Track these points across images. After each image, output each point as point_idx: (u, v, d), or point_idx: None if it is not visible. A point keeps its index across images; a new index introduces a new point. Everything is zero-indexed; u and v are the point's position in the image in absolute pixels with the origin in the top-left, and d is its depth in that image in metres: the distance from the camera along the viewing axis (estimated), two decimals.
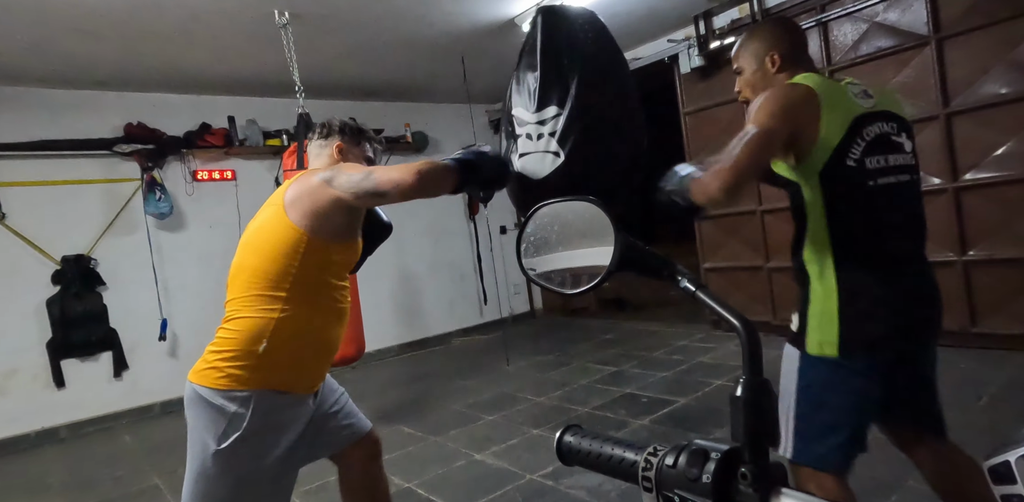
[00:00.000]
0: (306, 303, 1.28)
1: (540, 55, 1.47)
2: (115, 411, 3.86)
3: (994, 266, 3.06)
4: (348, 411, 1.51)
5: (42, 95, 3.75)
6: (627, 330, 4.91)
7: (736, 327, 0.50)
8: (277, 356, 1.25)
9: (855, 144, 1.17)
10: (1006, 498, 0.80)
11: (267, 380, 1.24)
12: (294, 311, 1.26)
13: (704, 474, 0.46)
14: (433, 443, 2.84)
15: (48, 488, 2.89)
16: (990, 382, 2.62)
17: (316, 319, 1.31)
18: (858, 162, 1.17)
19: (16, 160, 3.65)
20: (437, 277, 5.42)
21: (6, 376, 3.58)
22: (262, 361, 1.23)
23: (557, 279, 0.68)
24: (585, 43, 1.52)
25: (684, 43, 4.16)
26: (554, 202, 0.69)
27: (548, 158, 1.45)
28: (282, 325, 1.25)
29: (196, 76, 3.93)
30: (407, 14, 3.31)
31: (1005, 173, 3.00)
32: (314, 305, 1.30)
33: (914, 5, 3.19)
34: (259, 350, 1.23)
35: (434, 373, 4.34)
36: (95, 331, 3.80)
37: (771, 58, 1.30)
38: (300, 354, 1.29)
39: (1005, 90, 2.97)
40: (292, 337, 1.26)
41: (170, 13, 2.91)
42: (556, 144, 1.44)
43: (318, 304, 1.32)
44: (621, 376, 3.58)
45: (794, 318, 1.23)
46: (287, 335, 1.26)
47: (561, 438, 0.60)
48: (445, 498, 2.24)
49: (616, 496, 2.06)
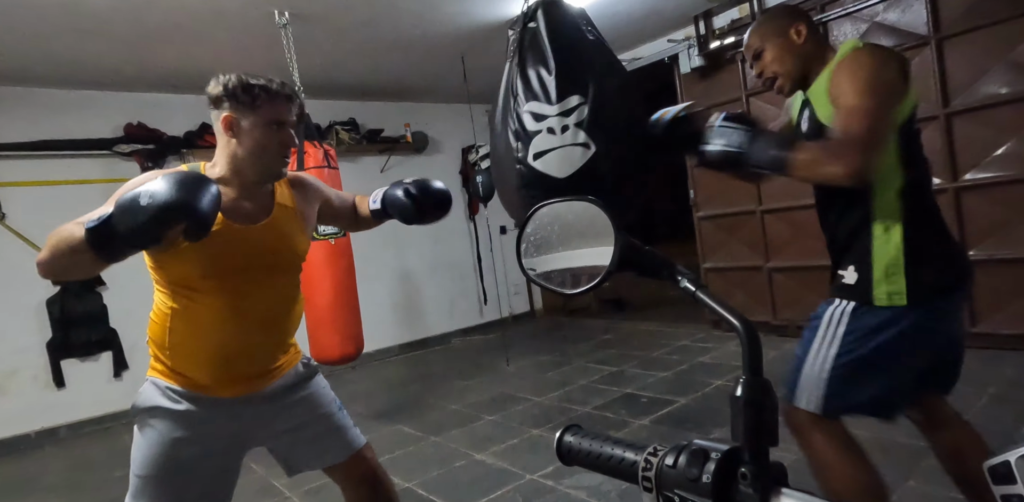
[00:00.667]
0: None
1: (551, 47, 1.43)
2: (115, 411, 3.86)
3: (994, 266, 3.06)
4: (321, 432, 1.36)
5: (42, 95, 3.75)
6: (627, 330, 4.91)
7: (736, 327, 0.50)
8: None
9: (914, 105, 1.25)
10: (1006, 498, 0.79)
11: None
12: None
13: (704, 474, 0.46)
14: (433, 443, 2.84)
15: (48, 488, 2.89)
16: (990, 382, 2.62)
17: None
18: (914, 122, 1.26)
19: (16, 160, 3.65)
20: (437, 277, 5.42)
21: (6, 376, 3.58)
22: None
23: (557, 279, 0.68)
24: (589, 34, 1.51)
25: (684, 43, 4.17)
26: (554, 202, 0.69)
27: (578, 151, 1.37)
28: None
29: (196, 76, 3.92)
30: (407, 14, 3.31)
31: (1005, 173, 3.00)
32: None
33: (914, 5, 3.19)
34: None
35: (434, 373, 4.34)
36: (95, 331, 3.80)
37: (796, 30, 1.32)
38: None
39: (1005, 90, 2.97)
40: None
41: (170, 13, 2.91)
42: (585, 135, 1.37)
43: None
44: (621, 376, 3.58)
45: (849, 272, 1.25)
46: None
47: (561, 438, 0.60)
48: (445, 498, 2.24)
49: (616, 496, 2.06)
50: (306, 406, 1.35)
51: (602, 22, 3.92)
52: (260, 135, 1.19)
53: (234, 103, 1.19)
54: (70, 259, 0.99)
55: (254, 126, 1.19)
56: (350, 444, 1.37)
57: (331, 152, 2.98)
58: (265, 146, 1.20)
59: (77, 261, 0.99)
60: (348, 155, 4.76)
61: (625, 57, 4.65)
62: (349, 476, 1.39)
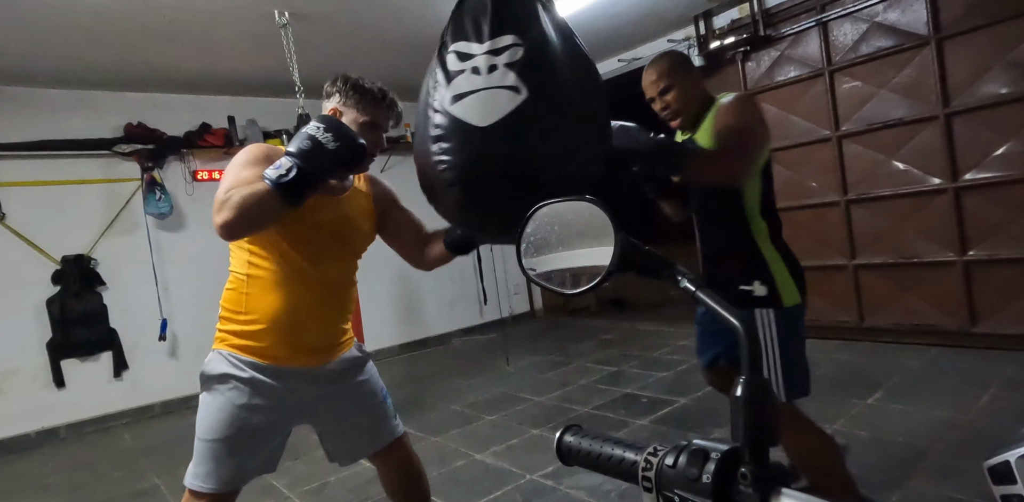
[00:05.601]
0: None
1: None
2: (115, 411, 3.86)
3: (994, 266, 3.06)
4: (370, 417, 1.48)
5: (42, 95, 3.75)
6: (627, 330, 4.91)
7: (736, 327, 0.50)
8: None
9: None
10: (1006, 498, 0.79)
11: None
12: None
13: (704, 474, 0.46)
14: (433, 443, 2.84)
15: (48, 488, 2.89)
16: (990, 382, 2.62)
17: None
18: (771, 163, 1.59)
19: (16, 160, 3.65)
20: (437, 277, 5.42)
21: (6, 376, 3.58)
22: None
23: (557, 279, 0.68)
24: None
25: (684, 43, 4.17)
26: (554, 202, 0.69)
27: (503, 95, 1.13)
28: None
29: (196, 76, 3.93)
30: (407, 14, 3.32)
31: (1005, 173, 3.00)
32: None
33: (914, 5, 3.19)
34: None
35: (434, 373, 4.34)
36: (95, 331, 3.80)
37: (696, 75, 1.61)
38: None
39: (1005, 90, 2.97)
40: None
41: (170, 13, 2.91)
42: (516, 77, 1.14)
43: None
44: (621, 376, 3.58)
45: (756, 286, 1.48)
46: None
47: (561, 438, 0.60)
48: (445, 498, 2.24)
49: (616, 496, 2.06)
50: (361, 390, 1.47)
51: (602, 22, 3.96)
52: (357, 130, 1.32)
53: (343, 98, 1.35)
54: (259, 212, 1.13)
55: (353, 122, 1.34)
56: (393, 431, 1.50)
57: None
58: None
59: (266, 210, 1.13)
60: None
61: (625, 57, 4.65)
62: (388, 461, 1.51)
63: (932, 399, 2.50)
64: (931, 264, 3.27)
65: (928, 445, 2.13)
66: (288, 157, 1.13)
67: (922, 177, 3.28)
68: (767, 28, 3.76)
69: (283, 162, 1.13)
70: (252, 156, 1.27)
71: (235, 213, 1.11)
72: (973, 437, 2.15)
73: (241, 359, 1.32)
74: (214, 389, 1.31)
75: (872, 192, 3.47)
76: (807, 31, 3.63)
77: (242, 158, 1.27)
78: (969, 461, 1.89)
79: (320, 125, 1.15)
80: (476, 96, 1.15)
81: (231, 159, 1.31)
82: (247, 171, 1.21)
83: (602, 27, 4.01)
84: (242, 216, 1.12)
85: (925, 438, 2.19)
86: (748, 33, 3.80)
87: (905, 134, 3.32)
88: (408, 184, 1.51)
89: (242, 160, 1.26)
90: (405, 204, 1.60)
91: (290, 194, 1.12)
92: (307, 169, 1.12)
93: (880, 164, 3.43)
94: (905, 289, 3.38)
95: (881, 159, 3.42)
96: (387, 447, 1.49)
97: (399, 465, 1.53)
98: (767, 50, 3.83)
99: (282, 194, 1.11)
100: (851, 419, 2.44)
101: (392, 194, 1.57)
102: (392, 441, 1.49)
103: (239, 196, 1.12)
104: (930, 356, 3.10)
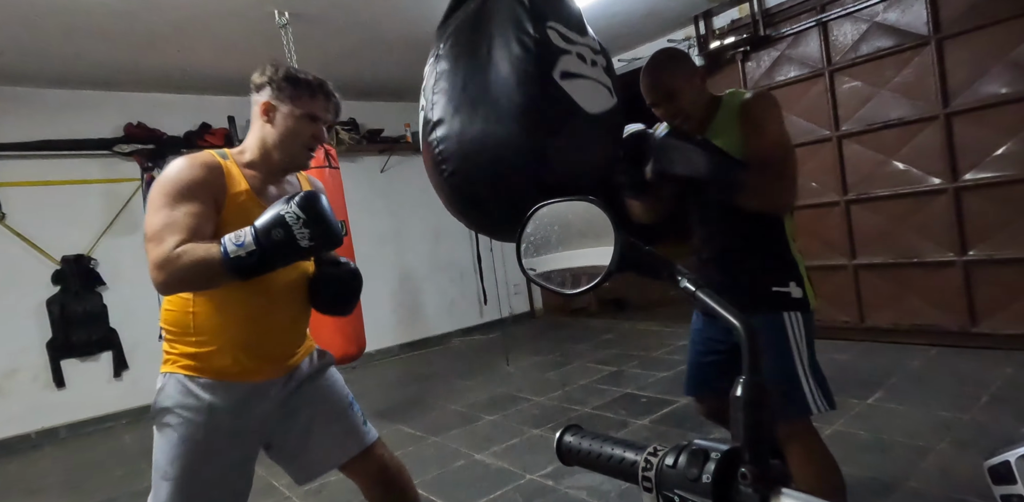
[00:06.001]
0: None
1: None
2: (115, 411, 3.86)
3: (994, 266, 3.06)
4: (335, 426, 1.38)
5: (42, 95, 3.75)
6: (627, 330, 4.91)
7: (736, 327, 0.50)
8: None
9: None
10: (1006, 498, 0.79)
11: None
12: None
13: (704, 474, 0.46)
14: (433, 443, 2.84)
15: (48, 488, 2.89)
16: (990, 382, 2.62)
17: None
18: None
19: (16, 160, 3.65)
20: (437, 277, 5.42)
21: (6, 376, 3.58)
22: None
23: (557, 279, 0.68)
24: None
25: (684, 43, 4.17)
26: (554, 202, 0.69)
27: (604, 92, 1.13)
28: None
29: (196, 76, 3.93)
30: (407, 14, 3.32)
31: (1005, 173, 3.00)
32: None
33: (914, 5, 3.19)
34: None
35: (434, 373, 4.34)
36: (95, 331, 3.80)
37: (701, 75, 1.45)
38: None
39: (1005, 90, 2.97)
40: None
41: (170, 13, 2.91)
42: (609, 80, 1.16)
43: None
44: (621, 376, 3.58)
45: (793, 288, 1.40)
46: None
47: (561, 438, 0.60)
48: (445, 498, 2.24)
49: (616, 496, 2.06)
50: (326, 397, 1.38)
51: (602, 22, 3.95)
52: (294, 124, 1.25)
53: (275, 91, 1.25)
54: (206, 281, 1.11)
55: (290, 115, 1.25)
56: (362, 439, 1.38)
57: (332, 152, 2.98)
58: (296, 134, 1.26)
59: (213, 280, 1.11)
60: (348, 155, 4.75)
61: (625, 57, 4.65)
62: (361, 471, 1.40)
63: (932, 399, 2.50)
64: (931, 264, 3.28)
65: (928, 445, 2.13)
66: (254, 238, 1.05)
67: (922, 177, 3.28)
68: (767, 28, 3.76)
69: (247, 241, 1.05)
70: (180, 186, 1.14)
71: (179, 277, 1.07)
72: (973, 437, 2.15)
73: (197, 381, 1.22)
74: (169, 423, 1.21)
75: (872, 192, 3.47)
76: (807, 31, 3.63)
77: (170, 188, 1.14)
78: (969, 461, 1.89)
79: (300, 216, 1.06)
80: (588, 82, 1.10)
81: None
82: (180, 209, 1.12)
83: (602, 27, 4.00)
84: (186, 281, 1.09)
85: (925, 438, 2.19)
86: (748, 33, 3.80)
87: (905, 134, 3.32)
88: (408, 184, 1.51)
89: (170, 191, 1.14)
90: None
91: (244, 274, 1.08)
92: (270, 259, 1.07)
93: (880, 164, 3.43)
94: (905, 289, 3.38)
95: (881, 159, 3.42)
96: (358, 456, 1.37)
97: (376, 474, 1.40)
98: (767, 50, 3.83)
99: (235, 272, 1.06)
100: (851, 419, 2.44)
101: (323, 192, 1.46)
102: (362, 450, 1.38)
103: (189, 261, 1.06)
104: (930, 356, 3.10)
